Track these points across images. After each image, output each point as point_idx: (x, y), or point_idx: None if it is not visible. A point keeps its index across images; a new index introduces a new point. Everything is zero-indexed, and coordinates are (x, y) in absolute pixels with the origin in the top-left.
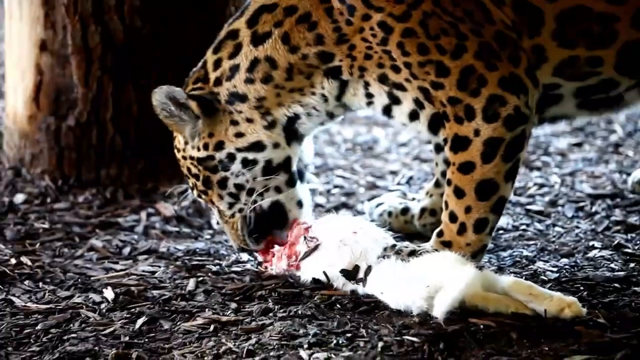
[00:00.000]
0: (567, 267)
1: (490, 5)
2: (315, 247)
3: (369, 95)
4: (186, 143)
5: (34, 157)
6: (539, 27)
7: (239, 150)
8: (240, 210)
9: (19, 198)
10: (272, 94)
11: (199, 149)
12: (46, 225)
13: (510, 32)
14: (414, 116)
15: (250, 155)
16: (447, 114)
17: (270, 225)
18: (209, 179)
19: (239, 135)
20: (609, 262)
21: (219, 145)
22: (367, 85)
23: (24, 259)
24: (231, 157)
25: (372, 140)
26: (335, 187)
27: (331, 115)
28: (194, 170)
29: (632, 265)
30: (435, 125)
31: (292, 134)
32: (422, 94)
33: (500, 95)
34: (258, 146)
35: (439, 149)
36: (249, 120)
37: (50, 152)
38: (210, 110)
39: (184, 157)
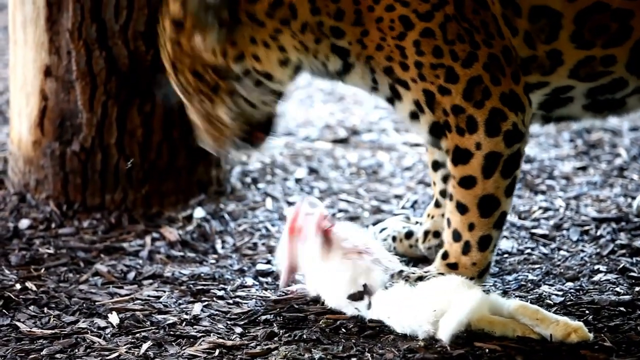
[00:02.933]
0: (572, 290)
1: (500, 21)
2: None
3: (375, 81)
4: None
5: (38, 183)
6: (557, 31)
7: (255, 70)
8: (237, 117)
9: (24, 223)
10: (288, 34)
11: (215, 54)
12: (51, 251)
13: (513, 50)
14: (414, 116)
15: (262, 79)
16: (449, 123)
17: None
18: (217, 85)
19: (256, 57)
20: (614, 286)
21: (239, 58)
22: (373, 72)
23: (29, 284)
24: (247, 73)
25: (377, 164)
26: (340, 211)
27: (332, 77)
28: (201, 70)
29: (637, 289)
30: (436, 132)
31: (296, 73)
32: (424, 97)
33: (502, 109)
34: (269, 76)
35: (435, 166)
36: (266, 46)
37: (55, 178)
38: (236, 20)
39: (189, 56)
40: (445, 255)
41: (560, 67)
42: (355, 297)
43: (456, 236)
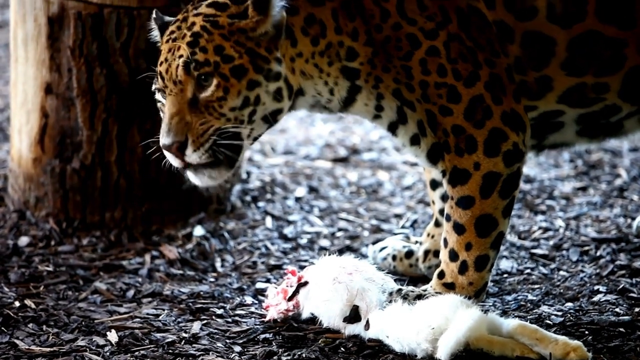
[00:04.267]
0: (571, 311)
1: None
2: (303, 284)
3: (379, 108)
4: (251, 29)
5: (38, 200)
6: (548, 58)
7: (286, 81)
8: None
9: (24, 241)
10: (306, 57)
11: (258, 45)
12: (50, 268)
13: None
14: (415, 140)
15: (279, 93)
16: (449, 144)
17: (221, 156)
18: (244, 69)
19: (292, 70)
20: (613, 307)
21: (278, 60)
22: (380, 97)
23: (28, 301)
24: (277, 77)
25: (377, 183)
26: (340, 230)
27: (333, 107)
28: (232, 52)
29: (637, 309)
30: (433, 155)
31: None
32: (426, 117)
33: (502, 129)
34: (289, 86)
35: (434, 185)
36: (291, 60)
37: (55, 195)
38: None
39: (230, 32)
40: (441, 275)
41: (549, 92)
42: (350, 319)
43: (453, 256)
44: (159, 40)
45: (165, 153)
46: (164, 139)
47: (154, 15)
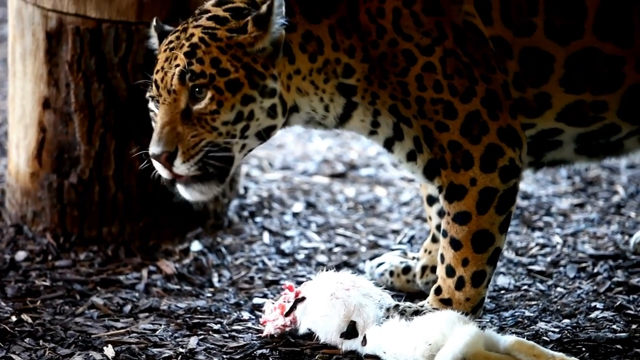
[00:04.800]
0: (569, 327)
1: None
2: (300, 300)
3: (375, 124)
4: (249, 44)
5: (35, 215)
6: (547, 74)
7: (281, 98)
8: (220, 134)
9: (21, 255)
10: (303, 74)
11: (255, 61)
12: (47, 283)
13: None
14: (411, 156)
15: (273, 110)
16: (445, 160)
17: (211, 170)
18: (239, 83)
19: (288, 87)
20: (611, 324)
21: (274, 77)
22: (376, 113)
23: (24, 316)
24: (272, 94)
25: (374, 199)
26: (337, 245)
27: (319, 125)
28: (228, 66)
29: (634, 326)
30: (430, 171)
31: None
32: (423, 133)
33: (499, 145)
34: (283, 103)
35: (431, 200)
36: (288, 77)
37: (52, 210)
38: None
39: (228, 46)
40: (438, 291)
41: (548, 110)
42: (348, 335)
43: (450, 272)
44: (157, 49)
45: (154, 163)
46: (154, 148)
47: (154, 23)
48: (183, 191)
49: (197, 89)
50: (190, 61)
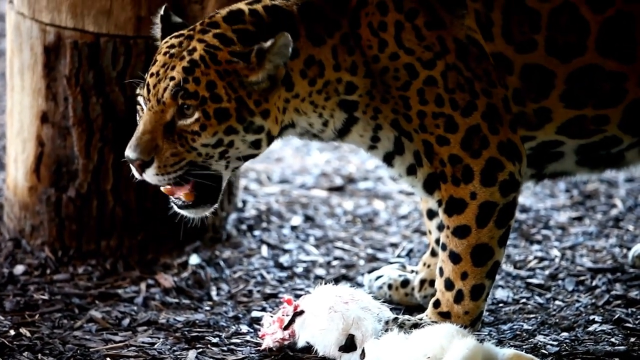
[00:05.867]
0: (567, 341)
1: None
2: (299, 313)
3: (375, 139)
4: (244, 75)
5: (34, 229)
6: (547, 90)
7: (268, 133)
8: (198, 156)
9: (19, 269)
10: (302, 97)
11: (249, 96)
12: (46, 297)
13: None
14: (411, 170)
15: (256, 144)
16: (445, 174)
17: (203, 191)
18: (227, 114)
19: (276, 120)
20: (609, 337)
21: (265, 113)
22: (377, 128)
23: (23, 330)
24: (258, 131)
25: (373, 212)
26: (335, 259)
27: (326, 137)
28: (222, 93)
29: (632, 339)
30: (430, 185)
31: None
32: (423, 148)
33: (499, 159)
34: (270, 136)
35: (430, 214)
36: (279, 110)
37: (51, 224)
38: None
39: (226, 72)
40: (437, 304)
41: (548, 124)
42: (346, 348)
43: (449, 285)
44: (157, 39)
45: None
46: (130, 151)
47: (161, 12)
48: (183, 212)
49: (186, 107)
50: (186, 78)
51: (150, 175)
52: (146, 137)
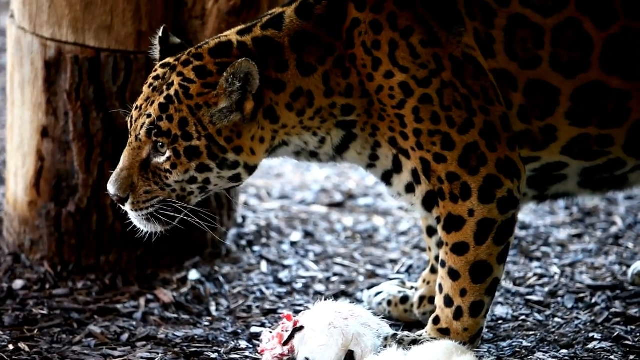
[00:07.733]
0: (566, 358)
1: (497, 90)
2: (298, 329)
3: (373, 157)
4: (214, 104)
5: (33, 243)
6: (553, 107)
7: (245, 166)
8: (174, 191)
9: (18, 284)
10: (292, 125)
11: (219, 133)
12: (45, 311)
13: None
14: (410, 188)
15: (236, 178)
16: (443, 191)
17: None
18: (198, 152)
19: (253, 152)
20: (608, 354)
21: (237, 150)
22: (376, 146)
23: (22, 345)
24: (233, 166)
25: (372, 228)
26: (335, 275)
27: (313, 155)
28: (192, 131)
29: (632, 357)
30: (428, 202)
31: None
32: (421, 166)
33: (497, 176)
34: (249, 167)
35: (430, 232)
36: (261, 140)
37: (50, 238)
38: (254, 115)
39: (197, 106)
40: (436, 320)
41: (553, 143)
42: None
43: (448, 302)
44: (156, 60)
45: None
46: (110, 186)
47: (160, 34)
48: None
49: (160, 144)
50: (160, 116)
51: (128, 210)
52: (124, 174)
